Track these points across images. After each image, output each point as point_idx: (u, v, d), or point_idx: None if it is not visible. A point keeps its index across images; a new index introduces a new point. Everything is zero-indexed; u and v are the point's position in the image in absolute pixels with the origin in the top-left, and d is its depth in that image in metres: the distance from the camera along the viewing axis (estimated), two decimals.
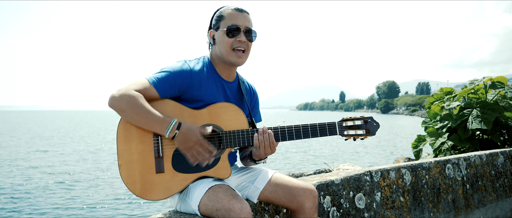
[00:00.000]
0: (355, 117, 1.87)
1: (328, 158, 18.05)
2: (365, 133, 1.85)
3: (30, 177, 13.53)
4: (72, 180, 12.99)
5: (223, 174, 1.75)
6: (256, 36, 1.88)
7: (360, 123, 1.86)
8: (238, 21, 1.81)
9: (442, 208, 2.96)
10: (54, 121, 79.00)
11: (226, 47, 1.81)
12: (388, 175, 2.65)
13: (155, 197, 1.68)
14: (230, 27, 1.80)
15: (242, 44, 1.82)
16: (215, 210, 1.57)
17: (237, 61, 1.84)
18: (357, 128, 1.85)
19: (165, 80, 1.72)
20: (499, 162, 3.68)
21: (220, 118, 1.78)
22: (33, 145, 25.60)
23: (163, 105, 1.73)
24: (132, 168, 1.69)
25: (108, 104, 1.67)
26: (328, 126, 1.83)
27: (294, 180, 1.88)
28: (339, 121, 1.86)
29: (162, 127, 1.64)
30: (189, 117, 1.75)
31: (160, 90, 1.71)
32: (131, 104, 1.62)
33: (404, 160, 6.87)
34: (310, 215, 1.84)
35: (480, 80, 5.08)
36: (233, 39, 1.81)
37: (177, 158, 1.72)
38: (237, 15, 1.83)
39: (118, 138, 1.70)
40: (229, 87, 1.93)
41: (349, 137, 1.85)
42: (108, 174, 14.07)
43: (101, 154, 20.56)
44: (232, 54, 1.82)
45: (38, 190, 11.34)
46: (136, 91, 1.66)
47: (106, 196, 10.69)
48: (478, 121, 4.56)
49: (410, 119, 77.00)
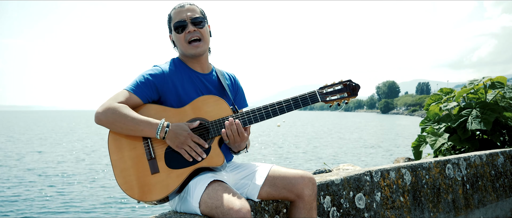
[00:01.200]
0: (334, 82, 1.89)
1: (328, 158, 18.06)
2: (347, 96, 1.88)
3: (29, 177, 13.54)
4: (72, 180, 13.00)
5: (216, 162, 1.76)
6: (205, 21, 1.93)
7: (340, 87, 1.89)
8: (182, 15, 1.89)
9: (442, 208, 2.96)
10: (54, 121, 78.99)
11: (181, 43, 1.90)
12: (388, 175, 2.65)
13: (155, 197, 1.70)
14: (176, 24, 1.88)
15: (194, 33, 1.88)
16: (214, 208, 1.59)
17: (196, 51, 1.90)
18: (338, 92, 1.88)
19: (142, 84, 1.80)
20: (499, 162, 3.69)
21: (203, 111, 1.82)
22: (32, 145, 25.61)
23: (147, 110, 1.79)
24: (127, 174, 1.72)
25: (95, 121, 1.74)
26: (309, 96, 1.85)
27: (291, 170, 1.89)
28: (319, 89, 1.88)
29: (152, 129, 1.70)
30: (174, 116, 1.80)
31: (140, 95, 1.78)
32: (117, 116, 1.69)
33: (404, 160, 6.88)
34: (309, 203, 1.84)
35: (479, 80, 5.08)
36: (184, 33, 1.88)
37: (170, 155, 1.75)
38: (181, 10, 1.90)
39: (110, 150, 1.75)
40: (207, 79, 1.97)
41: (332, 102, 1.87)
42: (108, 174, 14.07)
43: (100, 154, 20.56)
44: (189, 47, 1.89)
45: (37, 190, 11.34)
46: (118, 103, 1.72)
47: (106, 196, 10.69)
48: (478, 121, 4.56)
49: (410, 119, 77.00)
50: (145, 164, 1.73)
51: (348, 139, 29.07)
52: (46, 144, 26.17)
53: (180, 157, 1.74)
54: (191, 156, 1.73)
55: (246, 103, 2.18)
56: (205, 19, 1.94)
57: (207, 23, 1.96)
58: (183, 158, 1.74)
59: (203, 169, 1.78)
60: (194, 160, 1.74)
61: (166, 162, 1.74)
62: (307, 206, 1.84)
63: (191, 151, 1.72)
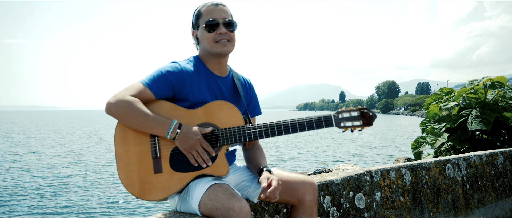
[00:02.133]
0: (351, 108, 1.86)
1: (328, 158, 18.06)
2: (362, 124, 1.84)
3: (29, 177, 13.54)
4: (71, 180, 13.00)
5: (221, 172, 1.75)
6: (236, 25, 1.90)
7: (356, 114, 1.84)
8: (215, 15, 1.84)
9: (442, 208, 2.97)
10: (53, 121, 79.00)
11: (209, 41, 1.84)
12: (388, 175, 2.66)
13: (154, 198, 1.69)
14: (208, 22, 1.83)
15: (224, 35, 1.84)
16: (214, 209, 1.58)
17: (223, 50, 1.85)
18: (353, 119, 1.84)
19: (158, 79, 1.74)
20: (499, 162, 3.69)
21: (216, 116, 1.79)
22: (30, 146, 25.61)
23: (159, 107, 1.75)
24: (130, 170, 1.70)
25: (105, 111, 1.69)
26: (324, 119, 1.82)
27: (293, 174, 1.88)
28: (335, 113, 1.85)
29: (163, 129, 1.66)
30: (185, 117, 1.76)
31: (154, 91, 1.73)
32: (129, 110, 1.65)
33: (404, 160, 6.87)
34: (310, 208, 1.84)
35: (479, 80, 5.08)
36: (214, 33, 1.83)
37: (175, 157, 1.73)
38: (214, 9, 1.85)
39: (116, 141, 1.72)
40: (223, 82, 1.93)
41: (346, 129, 1.83)
42: (107, 174, 14.07)
43: (99, 154, 20.56)
44: (216, 45, 1.84)
45: (37, 190, 11.35)
46: (131, 96, 1.68)
47: (106, 196, 10.69)
48: (478, 121, 4.56)
49: (410, 119, 77.00)
50: (149, 162, 1.71)
51: (348, 139, 29.07)
52: (43, 145, 26.15)
53: (185, 161, 1.73)
54: (197, 162, 1.71)
55: (259, 111, 2.14)
56: (236, 24, 1.90)
57: (236, 28, 1.91)
58: (188, 162, 1.72)
59: (206, 175, 1.77)
60: (199, 165, 1.72)
61: (170, 163, 1.72)
62: (308, 211, 1.85)
63: (198, 157, 1.70)
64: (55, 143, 27.45)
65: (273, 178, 1.72)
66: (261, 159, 1.92)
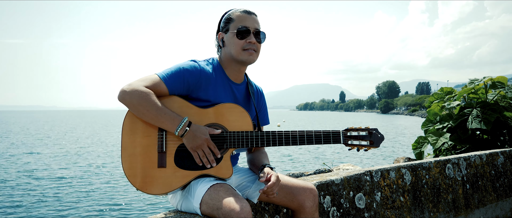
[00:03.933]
0: (360, 127, 1.89)
1: (328, 158, 18.06)
2: (369, 144, 1.87)
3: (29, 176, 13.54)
4: (72, 180, 13.00)
5: (224, 174, 1.75)
6: (265, 37, 1.90)
7: (364, 134, 1.88)
8: (247, 23, 1.84)
9: (442, 208, 2.96)
10: (54, 121, 79.03)
11: (236, 48, 1.83)
12: (388, 175, 2.65)
13: (154, 192, 1.70)
14: (240, 29, 1.82)
15: (252, 45, 1.84)
16: (216, 209, 1.58)
17: (249, 58, 1.85)
18: (361, 138, 1.87)
19: (175, 75, 1.74)
20: (499, 162, 3.68)
21: (225, 118, 1.79)
22: (29, 146, 25.61)
23: (171, 102, 1.75)
24: (134, 161, 1.71)
25: (118, 98, 1.69)
26: (332, 135, 1.85)
27: (294, 180, 1.89)
28: (344, 130, 1.88)
29: (173, 125, 1.67)
30: (195, 115, 1.77)
31: (169, 86, 1.73)
32: (142, 100, 1.65)
33: (404, 160, 6.86)
34: (311, 215, 1.85)
35: (480, 80, 5.07)
36: (244, 40, 1.83)
37: (180, 154, 1.73)
38: (246, 17, 1.85)
39: (124, 130, 1.73)
40: (238, 89, 1.94)
41: (352, 147, 1.87)
42: (105, 175, 14.07)
43: (96, 155, 20.56)
44: (243, 53, 1.83)
45: (36, 190, 11.34)
46: (146, 87, 1.68)
47: (106, 195, 10.68)
48: (478, 121, 4.56)
49: (410, 119, 77.01)
50: (154, 155, 1.72)
51: None
52: (41, 145, 26.14)
53: (190, 158, 1.73)
54: (202, 161, 1.72)
55: (268, 121, 2.15)
56: (265, 36, 1.91)
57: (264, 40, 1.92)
58: (193, 160, 1.73)
59: (208, 175, 1.77)
60: (203, 165, 1.73)
61: (175, 160, 1.73)
62: (308, 217, 1.86)
63: (204, 157, 1.71)
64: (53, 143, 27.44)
65: (272, 174, 1.73)
66: (264, 159, 1.94)
